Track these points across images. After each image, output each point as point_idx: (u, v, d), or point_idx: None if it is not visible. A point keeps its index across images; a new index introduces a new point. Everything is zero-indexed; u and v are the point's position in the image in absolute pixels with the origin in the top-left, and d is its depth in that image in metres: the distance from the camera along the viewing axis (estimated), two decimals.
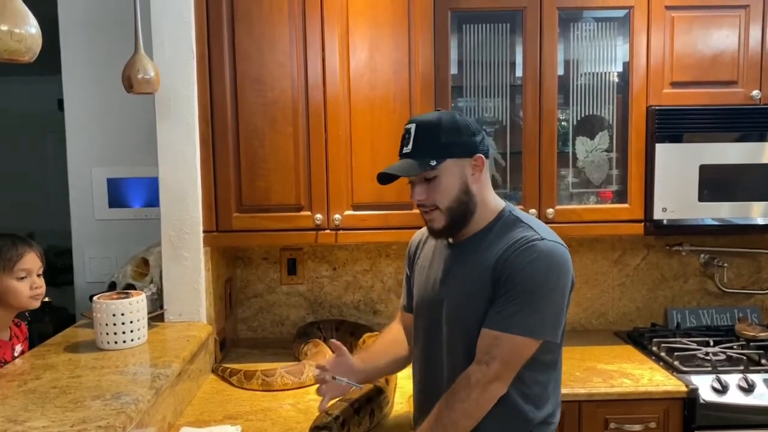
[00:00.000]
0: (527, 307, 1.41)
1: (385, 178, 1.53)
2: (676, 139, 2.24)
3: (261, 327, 2.68)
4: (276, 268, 2.67)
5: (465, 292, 1.51)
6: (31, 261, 1.95)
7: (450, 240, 1.59)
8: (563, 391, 1.99)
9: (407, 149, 1.49)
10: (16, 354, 1.96)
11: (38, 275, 1.98)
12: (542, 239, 1.45)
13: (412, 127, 1.49)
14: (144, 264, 2.31)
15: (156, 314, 2.13)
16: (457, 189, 1.49)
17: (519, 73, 2.30)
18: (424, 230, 1.77)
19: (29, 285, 1.94)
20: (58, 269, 3.76)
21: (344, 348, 1.66)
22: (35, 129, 5.31)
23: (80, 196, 2.58)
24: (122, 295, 1.93)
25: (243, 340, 2.64)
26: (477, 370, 1.42)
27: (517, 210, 1.58)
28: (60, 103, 2.60)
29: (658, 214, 2.26)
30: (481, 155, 1.50)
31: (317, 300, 2.69)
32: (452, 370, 1.52)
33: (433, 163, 1.45)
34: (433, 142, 1.47)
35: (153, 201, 2.50)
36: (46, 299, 4.03)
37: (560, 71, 2.28)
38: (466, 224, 1.53)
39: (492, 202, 1.56)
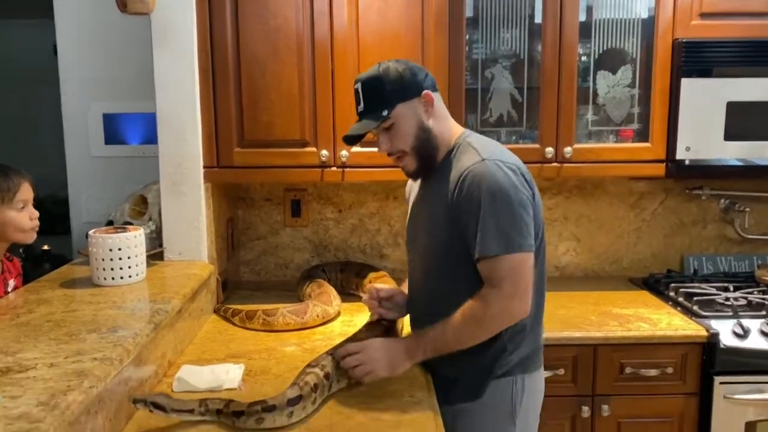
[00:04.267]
0: (494, 227, 1.43)
1: (350, 139, 1.59)
2: (703, 73, 2.12)
3: (264, 270, 2.61)
4: (279, 210, 2.58)
5: (426, 222, 1.60)
6: (27, 191, 1.87)
7: None
8: (577, 334, 1.98)
9: (360, 108, 1.56)
10: (9, 289, 1.88)
11: (33, 205, 1.90)
12: (482, 161, 1.46)
13: (359, 86, 1.55)
14: (142, 202, 2.22)
15: (155, 252, 2.05)
16: (414, 129, 1.54)
17: (538, 3, 2.16)
18: None
19: (28, 216, 1.86)
20: (57, 217, 3.69)
21: (401, 294, 1.77)
22: (30, 75, 5.14)
23: (75, 132, 2.47)
24: (119, 230, 1.84)
25: (246, 282, 2.57)
26: (488, 293, 1.45)
27: (474, 135, 1.59)
28: (56, 49, 2.47)
29: (681, 154, 2.15)
30: (427, 91, 1.54)
31: (322, 243, 2.60)
32: (416, 299, 1.68)
33: (385, 112, 1.51)
34: (380, 94, 1.52)
35: (151, 138, 2.38)
36: (45, 247, 3.97)
37: (582, 1, 2.14)
38: (436, 158, 1.57)
39: (448, 132, 1.59)
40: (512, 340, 1.53)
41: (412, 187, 1.75)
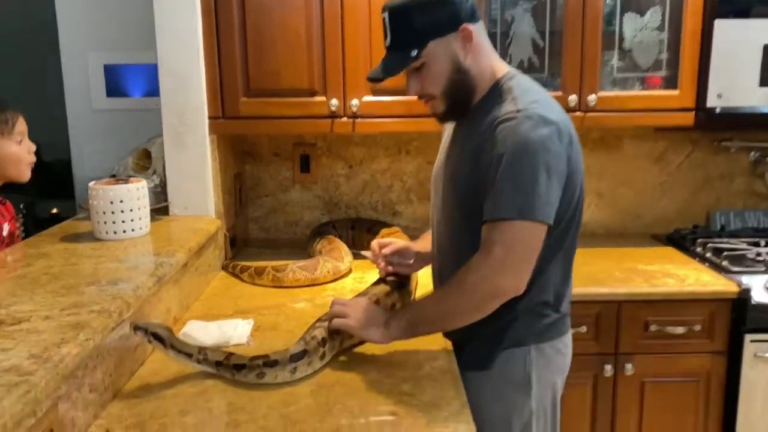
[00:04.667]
0: (509, 188, 1.23)
1: (375, 80, 1.40)
2: (739, 14, 1.98)
3: (274, 227, 2.53)
4: (288, 165, 2.48)
5: (453, 166, 1.42)
6: (23, 123, 1.81)
7: None
8: (601, 290, 1.88)
9: (387, 42, 1.35)
10: (4, 234, 1.82)
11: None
12: (517, 112, 1.26)
13: (386, 15, 1.33)
14: (146, 156, 2.13)
15: (160, 206, 1.97)
16: (448, 71, 1.33)
17: None
18: None
19: (27, 150, 1.81)
20: (64, 181, 3.64)
21: (411, 248, 1.67)
22: (31, 44, 4.98)
23: (75, 84, 2.39)
24: (121, 182, 1.76)
25: (255, 240, 2.50)
26: (476, 258, 1.26)
27: (519, 78, 1.37)
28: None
29: (711, 101, 2.03)
30: (466, 24, 1.31)
31: (332, 200, 2.51)
32: (438, 248, 1.52)
33: (414, 53, 1.31)
34: (409, 29, 1.31)
35: (155, 90, 2.29)
36: (54, 210, 3.89)
37: None
38: (471, 101, 1.38)
39: (490, 71, 1.37)
40: (529, 312, 1.36)
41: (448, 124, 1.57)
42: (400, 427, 1.13)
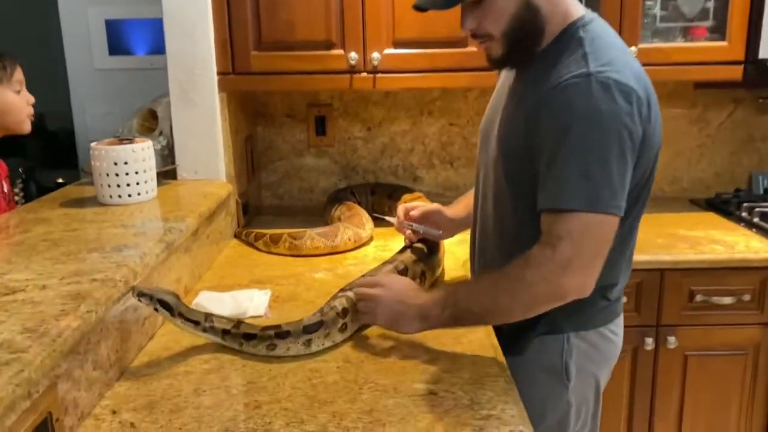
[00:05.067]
0: (576, 173, 1.05)
1: (422, 10, 1.20)
2: None
3: (288, 194, 2.39)
4: (302, 127, 2.34)
5: (505, 128, 1.21)
6: (20, 72, 1.73)
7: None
8: (643, 257, 1.74)
9: None
10: (5, 190, 1.71)
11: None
12: (587, 75, 1.05)
13: None
14: (151, 116, 1.99)
15: (167, 169, 1.84)
16: (514, 6, 1.11)
17: None
18: None
19: (25, 101, 1.72)
20: (69, 149, 3.54)
21: (442, 212, 1.53)
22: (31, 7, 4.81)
23: (76, 41, 2.23)
24: (125, 142, 1.63)
25: (268, 207, 2.36)
26: (537, 252, 1.08)
27: (594, 24, 1.14)
28: None
29: (764, 53, 1.86)
30: None
31: (350, 164, 2.37)
32: (483, 219, 1.34)
33: None
34: None
35: (160, 47, 2.14)
36: (59, 180, 3.79)
37: None
38: (536, 46, 1.16)
39: (563, 12, 1.15)
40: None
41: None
42: (441, 408, 1.01)
